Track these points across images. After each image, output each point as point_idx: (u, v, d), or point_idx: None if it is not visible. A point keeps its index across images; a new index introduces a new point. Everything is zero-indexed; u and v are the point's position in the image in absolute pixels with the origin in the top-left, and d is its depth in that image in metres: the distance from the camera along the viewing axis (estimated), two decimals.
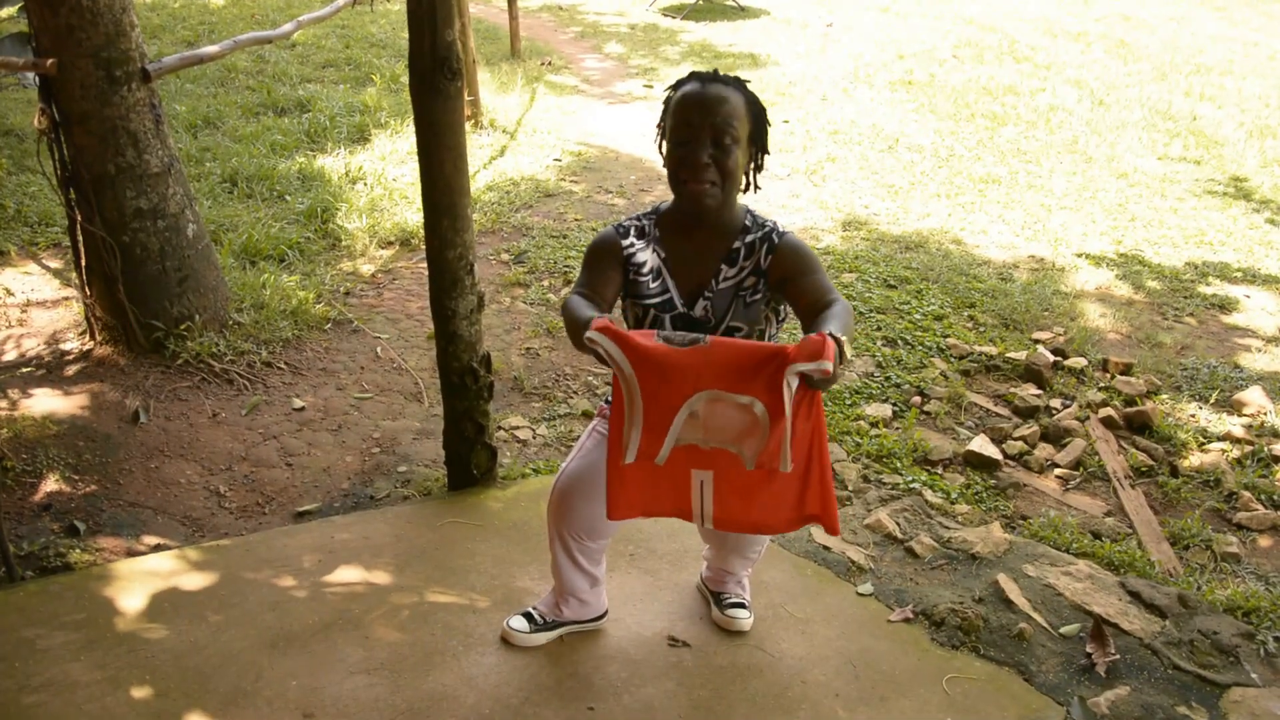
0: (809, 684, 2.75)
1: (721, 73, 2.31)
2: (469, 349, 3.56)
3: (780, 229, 2.35)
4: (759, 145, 2.33)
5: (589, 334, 2.01)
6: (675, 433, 2.11)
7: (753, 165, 2.35)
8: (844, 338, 1.96)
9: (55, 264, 5.63)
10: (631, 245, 2.38)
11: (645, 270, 2.37)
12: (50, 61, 4.04)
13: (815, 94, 10.20)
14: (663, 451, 2.14)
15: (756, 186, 2.39)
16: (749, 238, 2.34)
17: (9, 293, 5.14)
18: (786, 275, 2.28)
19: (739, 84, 2.29)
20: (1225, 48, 12.18)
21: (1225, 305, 5.93)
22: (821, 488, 2.17)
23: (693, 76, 2.29)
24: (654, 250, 2.38)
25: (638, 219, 2.44)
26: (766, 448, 2.10)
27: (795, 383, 1.99)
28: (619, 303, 2.44)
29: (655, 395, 2.08)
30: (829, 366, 1.91)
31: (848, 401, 4.74)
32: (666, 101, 2.34)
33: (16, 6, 6.92)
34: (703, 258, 2.35)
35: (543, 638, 2.80)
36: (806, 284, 2.24)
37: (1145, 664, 2.90)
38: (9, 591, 3.00)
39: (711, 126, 2.19)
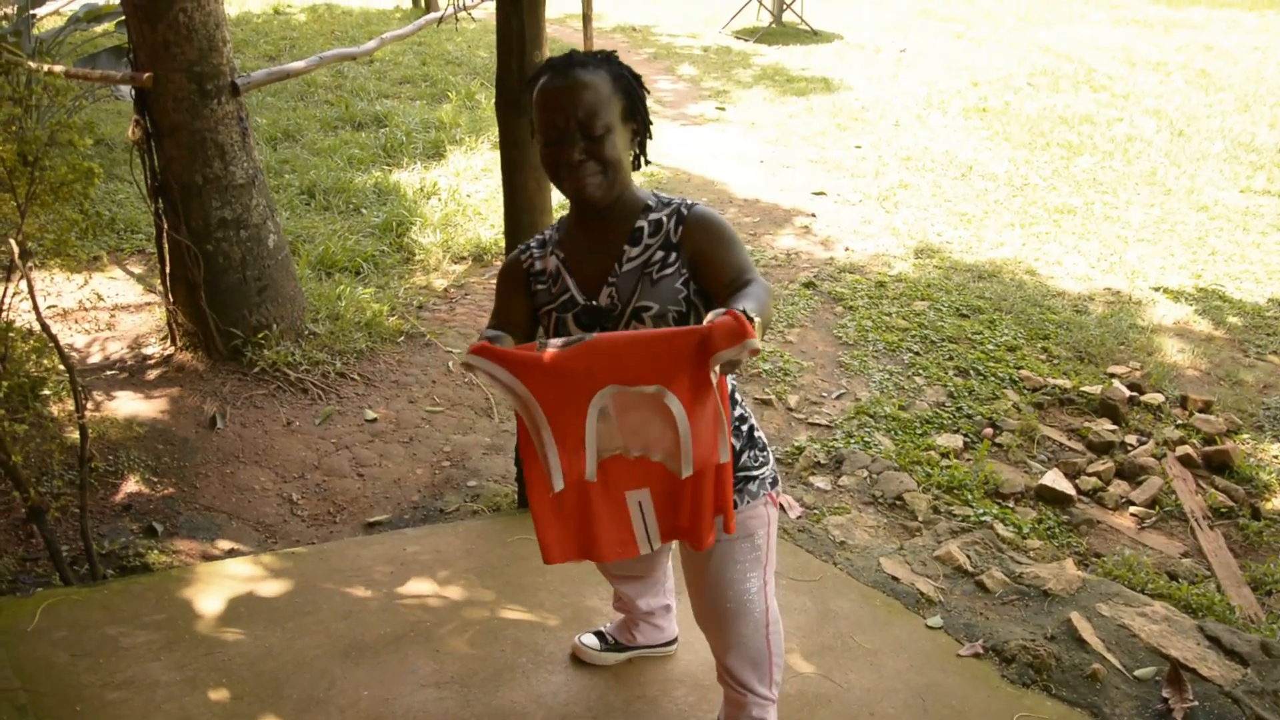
0: (876, 716, 2.72)
1: (579, 52, 2.08)
2: None
3: (689, 201, 2.11)
4: (637, 120, 2.10)
5: (464, 358, 1.83)
6: (593, 441, 1.89)
7: (636, 141, 2.12)
8: (757, 318, 1.74)
9: (138, 270, 5.78)
10: (531, 258, 2.19)
11: (544, 277, 2.16)
12: (147, 75, 4.16)
13: (888, 119, 10.14)
14: (589, 466, 1.91)
15: (646, 160, 2.18)
16: (653, 215, 2.09)
17: (99, 297, 5.28)
18: (699, 250, 2.03)
19: (601, 61, 2.07)
20: None
21: None
22: (719, 484, 1.93)
23: (548, 66, 2.04)
24: (553, 254, 2.17)
25: (542, 231, 2.26)
26: (697, 445, 1.86)
27: (717, 371, 1.79)
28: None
29: (556, 404, 1.86)
30: (758, 345, 1.69)
31: (918, 431, 4.70)
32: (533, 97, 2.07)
33: (114, 22, 7.17)
34: (603, 246, 2.12)
35: (613, 658, 2.80)
36: (720, 262, 2.01)
37: (1225, 713, 2.82)
38: (94, 589, 3.08)
39: (579, 122, 1.97)
